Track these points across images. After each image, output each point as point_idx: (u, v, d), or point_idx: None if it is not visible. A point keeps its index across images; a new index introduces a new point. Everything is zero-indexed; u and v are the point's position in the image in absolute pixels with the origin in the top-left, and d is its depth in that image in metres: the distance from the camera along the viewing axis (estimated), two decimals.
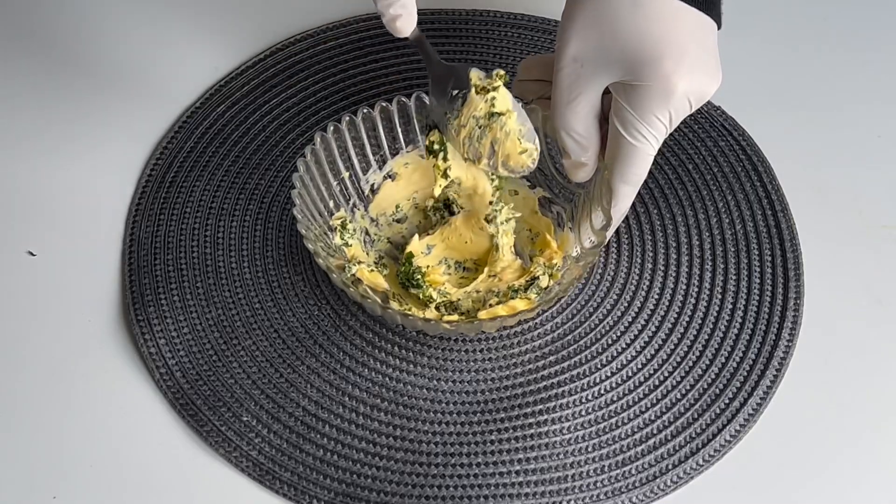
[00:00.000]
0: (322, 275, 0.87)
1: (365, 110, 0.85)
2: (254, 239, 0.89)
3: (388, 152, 0.87)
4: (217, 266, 0.88)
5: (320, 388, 0.82)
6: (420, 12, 1.02)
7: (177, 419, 0.82)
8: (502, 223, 0.85)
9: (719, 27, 0.76)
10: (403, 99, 0.85)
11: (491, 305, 0.83)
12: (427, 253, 0.87)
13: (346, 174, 0.86)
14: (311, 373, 0.83)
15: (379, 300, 0.80)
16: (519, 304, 0.81)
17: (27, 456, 0.80)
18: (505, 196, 0.87)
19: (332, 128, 0.84)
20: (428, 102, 0.84)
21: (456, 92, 0.80)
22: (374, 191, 0.88)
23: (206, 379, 0.83)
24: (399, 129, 0.87)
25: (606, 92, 0.76)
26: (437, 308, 0.84)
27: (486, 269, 0.85)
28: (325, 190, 0.85)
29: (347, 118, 0.84)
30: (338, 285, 0.77)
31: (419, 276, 0.84)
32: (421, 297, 0.83)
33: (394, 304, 0.83)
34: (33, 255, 0.89)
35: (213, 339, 0.84)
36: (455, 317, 0.82)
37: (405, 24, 0.76)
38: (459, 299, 0.84)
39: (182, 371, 0.83)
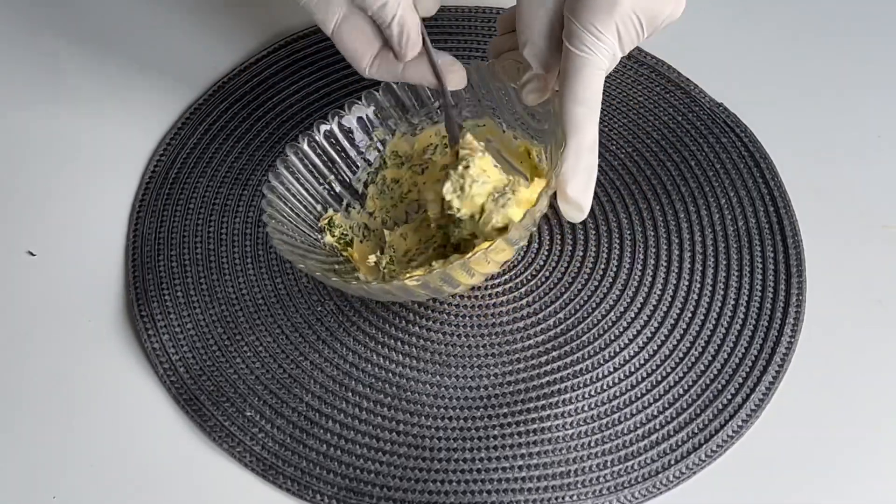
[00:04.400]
0: None
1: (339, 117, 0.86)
2: (257, 235, 0.90)
3: (378, 143, 0.88)
4: (220, 262, 0.88)
5: (323, 383, 0.82)
6: None
7: (180, 414, 0.82)
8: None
9: None
10: (375, 92, 0.86)
11: None
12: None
13: (331, 177, 0.87)
14: (315, 368, 0.83)
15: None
16: (483, 244, 0.78)
17: (27, 455, 0.80)
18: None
19: (305, 140, 0.85)
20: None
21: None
22: (367, 186, 0.89)
23: (210, 374, 0.83)
24: (379, 124, 0.88)
25: None
26: None
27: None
28: (311, 197, 0.85)
29: (329, 122, 0.86)
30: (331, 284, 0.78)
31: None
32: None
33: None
34: (33, 255, 0.89)
35: (216, 335, 0.85)
36: (419, 271, 0.79)
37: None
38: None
39: (185, 366, 0.83)
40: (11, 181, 0.93)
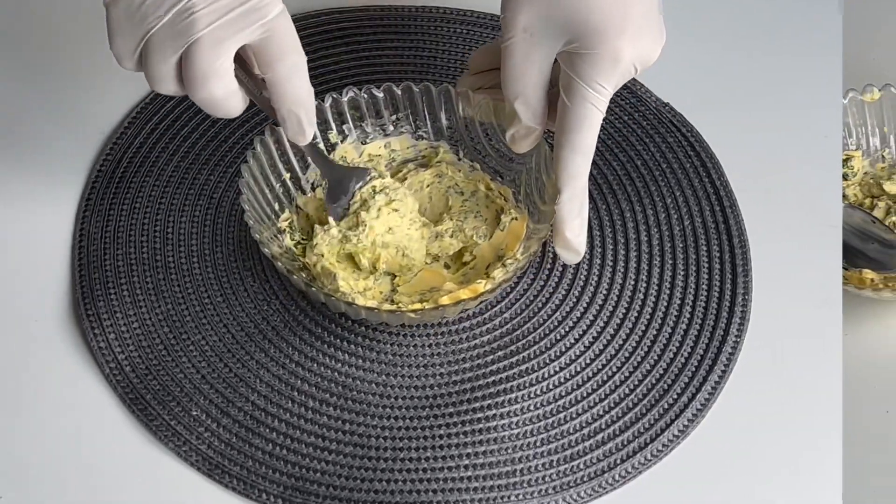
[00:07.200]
0: (271, 270, 0.87)
1: None
2: (203, 234, 0.89)
3: (324, 149, 0.87)
4: (167, 261, 0.88)
5: (269, 382, 0.82)
6: (367, 9, 1.03)
7: (126, 414, 0.81)
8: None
9: None
10: (335, 95, 0.86)
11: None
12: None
13: (286, 175, 0.86)
14: (261, 367, 0.83)
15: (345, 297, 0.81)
16: (479, 286, 0.81)
17: None
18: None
19: (268, 131, 0.84)
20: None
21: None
22: (314, 189, 0.88)
23: (156, 373, 0.82)
24: (334, 125, 0.87)
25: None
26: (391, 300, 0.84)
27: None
28: (270, 193, 0.85)
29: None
30: (299, 286, 0.78)
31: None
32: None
33: (360, 300, 0.82)
34: None
35: (162, 334, 0.84)
36: (419, 304, 0.82)
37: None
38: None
39: (132, 365, 0.83)
40: None
